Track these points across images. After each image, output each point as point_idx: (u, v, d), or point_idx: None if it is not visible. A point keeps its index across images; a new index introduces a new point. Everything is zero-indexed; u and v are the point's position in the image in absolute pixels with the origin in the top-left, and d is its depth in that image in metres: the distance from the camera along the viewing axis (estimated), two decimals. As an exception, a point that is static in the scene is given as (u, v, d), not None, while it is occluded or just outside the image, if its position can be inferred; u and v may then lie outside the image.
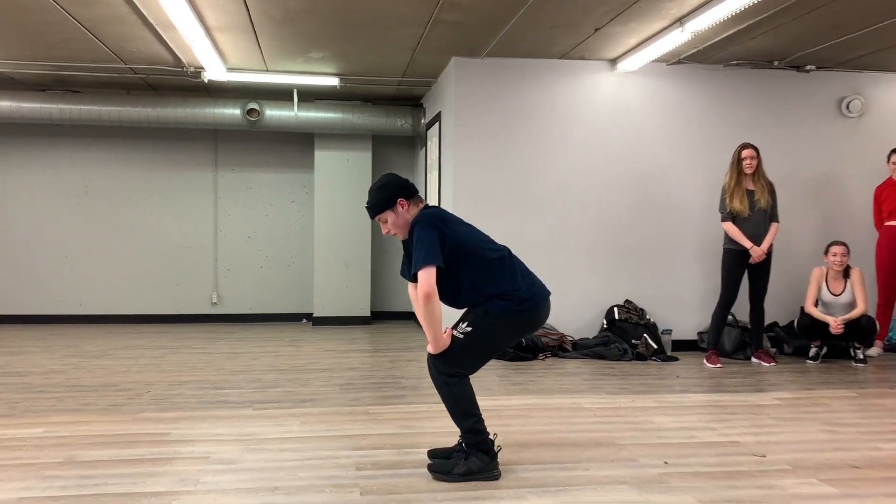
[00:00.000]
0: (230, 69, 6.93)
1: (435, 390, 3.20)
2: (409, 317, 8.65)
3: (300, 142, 8.69)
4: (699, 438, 3.78)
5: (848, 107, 6.81)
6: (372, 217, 3.15)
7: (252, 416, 4.16)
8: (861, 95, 6.83)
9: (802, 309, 6.12)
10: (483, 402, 4.45)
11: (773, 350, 6.42)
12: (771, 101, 6.77)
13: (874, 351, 6.37)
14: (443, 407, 3.22)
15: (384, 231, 3.15)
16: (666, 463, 3.35)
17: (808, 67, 6.68)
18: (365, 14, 5.24)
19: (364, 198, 3.43)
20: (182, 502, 2.79)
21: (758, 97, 6.74)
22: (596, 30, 5.64)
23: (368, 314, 8.59)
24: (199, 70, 6.86)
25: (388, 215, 3.10)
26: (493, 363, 5.92)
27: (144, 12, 5.24)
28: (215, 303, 8.70)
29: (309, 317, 8.66)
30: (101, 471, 3.14)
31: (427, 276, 2.86)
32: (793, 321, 6.44)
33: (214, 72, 6.79)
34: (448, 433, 3.78)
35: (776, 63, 6.57)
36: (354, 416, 4.17)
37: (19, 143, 8.33)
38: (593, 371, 5.67)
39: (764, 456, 3.47)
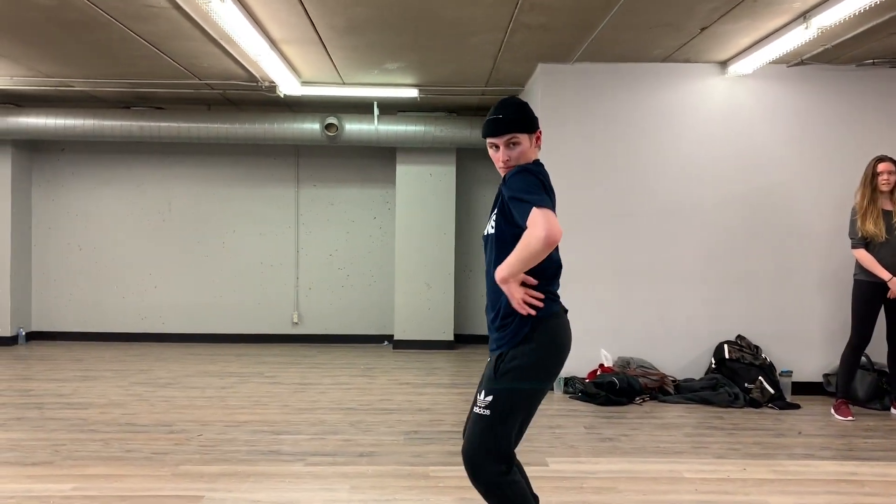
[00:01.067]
0: (305, 83, 6.59)
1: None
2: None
3: (382, 156, 8.29)
4: (830, 534, 3.05)
5: None
6: (502, 132, 2.40)
7: (300, 474, 3.71)
8: None
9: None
10: (564, 466, 3.87)
11: (917, 399, 5.46)
12: (916, 105, 5.80)
13: None
14: None
15: (503, 158, 2.42)
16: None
17: (962, 64, 5.68)
18: (435, 20, 4.74)
19: (445, 214, 2.73)
20: None
21: (899, 101, 5.80)
22: (702, 29, 4.91)
23: (452, 338, 8.08)
24: (273, 85, 6.55)
25: (524, 140, 2.42)
26: (581, 408, 5.29)
27: (206, 27, 4.93)
28: (296, 323, 8.42)
29: (390, 339, 8.24)
30: (111, 552, 2.75)
31: (549, 217, 2.17)
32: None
33: (288, 86, 6.46)
34: None
35: (922, 61, 5.61)
36: (412, 479, 3.65)
37: (105, 161, 8.33)
38: (698, 422, 4.93)
39: (918, 569, 2.71)
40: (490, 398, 2.33)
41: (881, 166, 5.00)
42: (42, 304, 8.37)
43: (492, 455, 2.32)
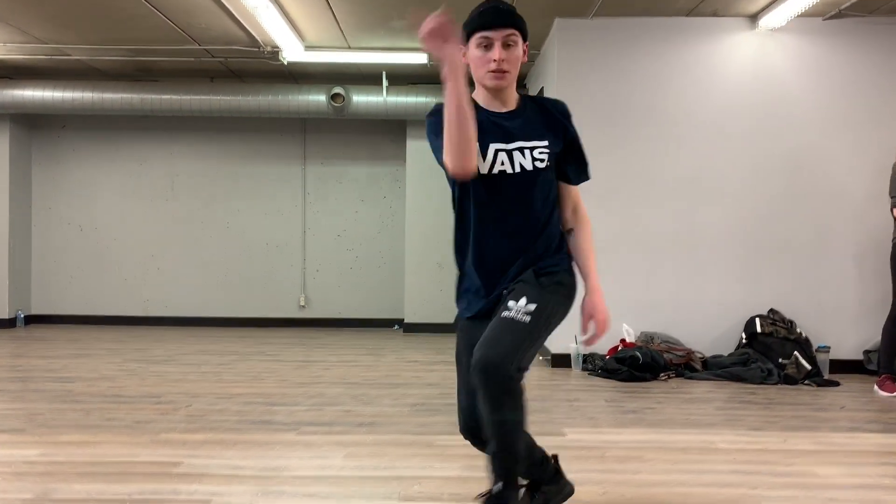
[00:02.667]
0: (308, 47, 6.28)
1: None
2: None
3: (392, 131, 7.96)
4: (882, 500, 2.65)
5: None
6: (504, 23, 2.01)
7: (291, 442, 3.37)
8: None
9: None
10: (584, 436, 3.52)
11: (969, 375, 5.02)
12: (964, 60, 5.38)
13: None
14: None
15: (497, 57, 2.00)
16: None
17: None
18: (444, -39, 4.39)
19: None
20: (139, 575, 2.01)
21: (947, 56, 5.38)
22: (732, -29, 4.54)
23: (466, 321, 7.72)
24: (275, 50, 6.25)
25: (521, 45, 2.05)
26: (601, 384, 4.92)
27: (198, -27, 4.64)
28: (303, 306, 8.10)
29: (400, 323, 7.90)
30: (67, 516, 2.42)
31: None
32: None
33: (292, 51, 6.16)
34: (527, 481, 2.83)
35: (972, 11, 5.19)
36: (415, 448, 3.30)
37: (106, 138, 8.07)
38: (729, 397, 4.54)
39: None
40: (535, 306, 1.98)
41: (929, 119, 4.59)
42: (42, 287, 8.11)
43: (517, 363, 1.91)
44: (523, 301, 2.00)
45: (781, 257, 5.44)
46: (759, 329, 5.22)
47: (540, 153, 2.09)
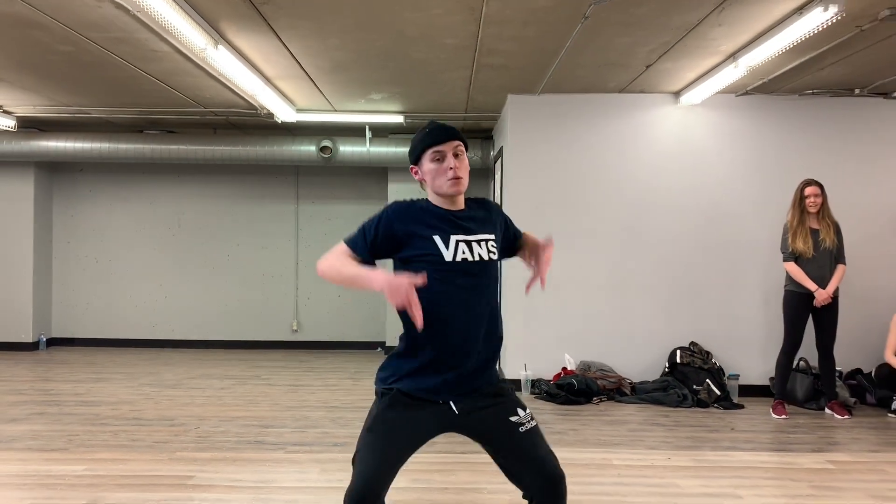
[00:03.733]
0: (299, 110, 7.21)
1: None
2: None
3: (375, 175, 8.90)
4: (719, 508, 3.59)
5: (943, 135, 6.26)
6: (452, 137, 2.35)
7: (279, 460, 4.30)
8: (959, 122, 6.26)
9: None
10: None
11: (854, 400, 5.95)
12: (854, 130, 6.33)
13: (974, 405, 5.79)
14: (459, 458, 3.20)
15: (452, 165, 2.30)
16: (668, 538, 3.20)
17: (896, 94, 6.21)
18: (406, 60, 5.34)
19: None
20: (169, 556, 2.94)
21: (839, 127, 6.32)
22: (647, 66, 5.48)
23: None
24: (271, 113, 7.18)
25: (465, 155, 2.39)
26: (543, 406, 5.84)
27: (206, 67, 5.56)
28: (295, 330, 9.04)
29: (382, 345, 8.83)
30: (114, 516, 3.35)
31: None
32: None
33: (284, 114, 7.08)
34: (460, 489, 3.79)
35: (857, 91, 6.13)
36: (375, 464, 4.22)
37: (120, 180, 9.02)
38: (644, 419, 5.47)
39: (781, 535, 3.25)
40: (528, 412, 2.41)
41: (808, 190, 5.55)
42: (61, 312, 9.04)
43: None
44: (522, 412, 2.37)
45: (700, 298, 6.38)
46: (678, 360, 6.16)
47: (492, 245, 2.36)
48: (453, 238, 2.29)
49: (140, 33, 4.74)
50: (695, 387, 5.96)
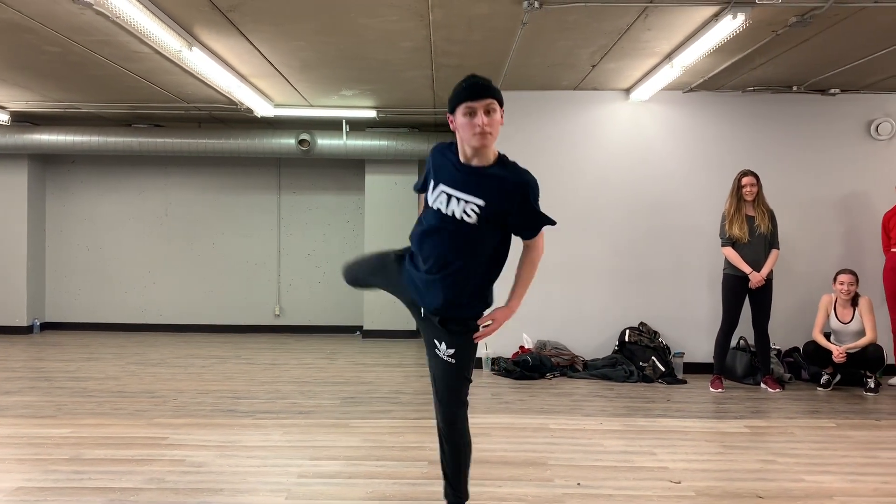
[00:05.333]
0: (277, 105, 7.63)
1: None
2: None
3: (354, 167, 9.33)
4: (631, 463, 4.03)
5: (877, 129, 6.70)
6: (484, 94, 2.56)
7: (247, 425, 4.75)
8: (891, 118, 6.69)
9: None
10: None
11: (789, 376, 6.41)
12: (794, 125, 6.76)
13: (896, 380, 6.26)
14: (411, 423, 3.72)
15: (482, 122, 2.54)
16: (579, 484, 3.66)
17: (833, 91, 6.62)
18: (368, 60, 5.76)
19: (409, 218, 3.23)
20: (140, 497, 3.39)
21: (780, 122, 6.76)
22: (593, 66, 5.91)
23: (415, 328, 9.10)
24: (250, 108, 7.59)
25: (499, 111, 2.61)
26: (499, 381, 6.30)
27: (185, 67, 5.98)
28: (278, 315, 9.49)
29: (361, 329, 9.28)
30: (93, 468, 3.80)
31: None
32: (811, 347, 6.42)
33: (263, 109, 7.50)
34: (405, 447, 4.23)
35: (795, 88, 6.56)
36: (334, 427, 4.68)
37: (109, 172, 9.44)
38: (590, 392, 5.92)
39: (678, 483, 3.70)
40: (454, 350, 2.81)
41: (745, 180, 5.99)
42: (54, 298, 9.48)
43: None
44: (444, 346, 2.79)
45: (650, 281, 6.83)
46: (626, 338, 6.61)
47: (471, 209, 2.58)
48: (441, 186, 2.68)
49: (121, 36, 5.16)
50: (641, 363, 6.42)
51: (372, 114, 7.84)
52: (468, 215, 2.62)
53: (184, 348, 8.01)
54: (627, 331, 6.67)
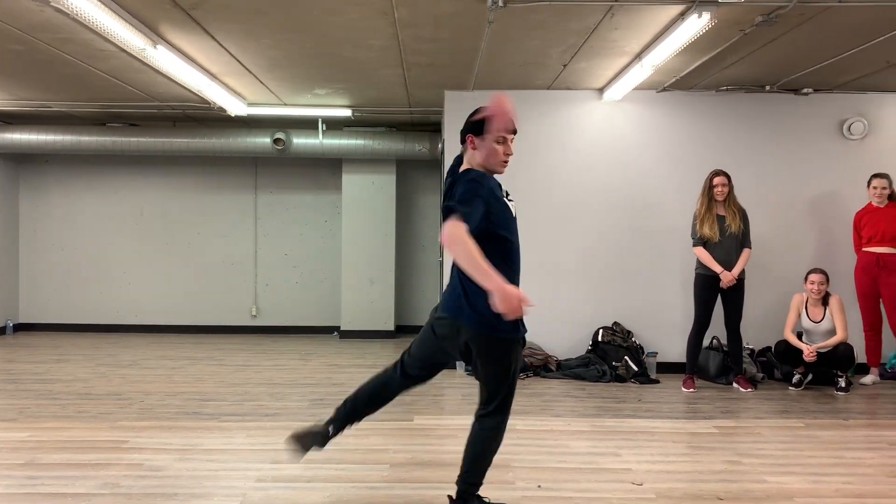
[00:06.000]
0: (250, 104, 7.56)
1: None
2: (433, 331, 9.06)
3: (331, 166, 9.27)
4: (595, 464, 4.01)
5: (850, 129, 6.71)
6: (515, 129, 3.02)
7: (211, 427, 4.70)
8: (864, 117, 6.70)
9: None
10: (427, 421, 4.85)
11: (761, 375, 6.41)
12: (768, 124, 6.76)
13: (869, 379, 6.26)
14: (376, 425, 4.04)
15: (510, 153, 3.03)
16: (539, 487, 3.63)
17: (806, 90, 6.63)
18: (337, 58, 5.71)
19: (387, 218, 3.47)
20: (91, 503, 3.34)
21: (754, 121, 6.76)
22: (564, 66, 5.88)
23: (392, 328, 9.07)
24: (223, 107, 7.53)
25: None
26: (470, 381, 6.24)
27: (152, 65, 5.90)
28: (255, 315, 9.42)
29: (338, 329, 9.22)
30: (48, 473, 3.74)
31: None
32: (784, 346, 6.42)
33: (236, 108, 7.43)
34: (368, 450, 4.19)
35: (768, 87, 6.56)
36: (298, 430, 4.63)
37: (83, 171, 9.34)
38: (563, 392, 5.90)
39: (640, 484, 3.68)
40: None
41: (716, 179, 5.98)
42: (28, 299, 9.38)
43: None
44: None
45: (624, 281, 6.81)
46: (600, 338, 6.59)
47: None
48: (509, 200, 3.06)
49: (84, 34, 5.09)
50: (614, 363, 6.40)
51: (347, 112, 7.79)
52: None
53: (157, 349, 7.94)
54: (601, 330, 6.65)
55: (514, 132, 2.97)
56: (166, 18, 4.75)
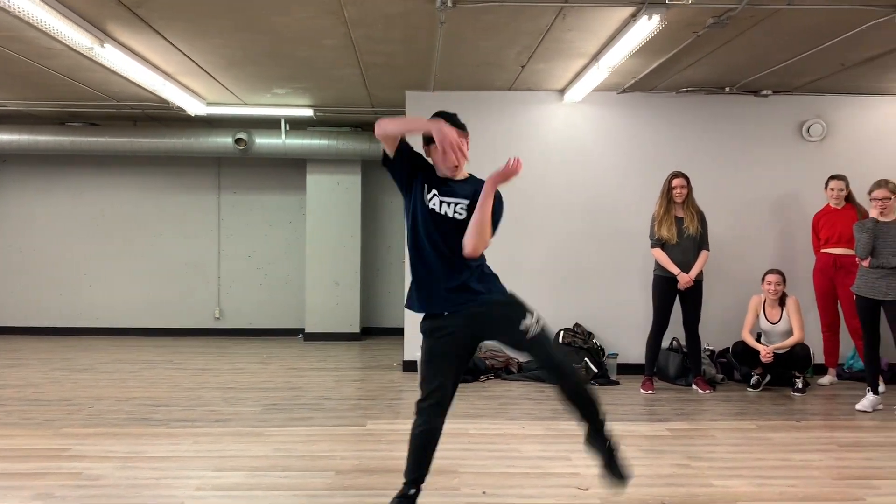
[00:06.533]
0: (210, 104, 7.45)
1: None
2: (398, 333, 8.97)
3: (295, 166, 9.17)
4: (543, 469, 3.98)
5: (808, 131, 6.74)
6: (464, 129, 3.33)
7: (158, 434, 4.61)
8: (822, 119, 6.74)
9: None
10: (379, 426, 4.80)
11: (721, 376, 6.42)
12: (727, 126, 6.77)
13: (826, 379, 6.29)
14: (328, 430, 3.73)
15: (466, 154, 3.30)
16: (484, 493, 3.59)
17: (765, 92, 6.65)
18: (291, 58, 5.63)
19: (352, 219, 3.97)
20: (21, 515, 3.25)
21: (714, 123, 6.77)
22: (522, 67, 5.85)
23: (358, 330, 9.00)
24: (181, 107, 7.41)
25: (467, 142, 3.34)
26: (429, 385, 6.19)
27: (103, 64, 5.78)
28: (218, 318, 9.30)
29: (303, 332, 9.13)
30: (-20, 483, 3.64)
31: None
32: (743, 347, 6.43)
33: (195, 108, 7.32)
34: (314, 456, 4.13)
35: (728, 89, 6.57)
36: (247, 437, 4.56)
37: (42, 172, 9.16)
38: (521, 395, 5.87)
39: (586, 489, 3.65)
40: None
41: (675, 181, 5.98)
42: (-15, 302, 9.20)
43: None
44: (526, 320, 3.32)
45: (585, 283, 6.80)
46: (561, 340, 6.56)
47: (460, 208, 3.15)
48: (433, 192, 3.20)
49: (28, 32, 4.96)
50: (574, 365, 6.37)
51: (309, 112, 7.71)
52: (459, 214, 3.25)
53: (114, 353, 7.80)
54: (562, 332, 6.62)
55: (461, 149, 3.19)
56: (112, 17, 4.65)
